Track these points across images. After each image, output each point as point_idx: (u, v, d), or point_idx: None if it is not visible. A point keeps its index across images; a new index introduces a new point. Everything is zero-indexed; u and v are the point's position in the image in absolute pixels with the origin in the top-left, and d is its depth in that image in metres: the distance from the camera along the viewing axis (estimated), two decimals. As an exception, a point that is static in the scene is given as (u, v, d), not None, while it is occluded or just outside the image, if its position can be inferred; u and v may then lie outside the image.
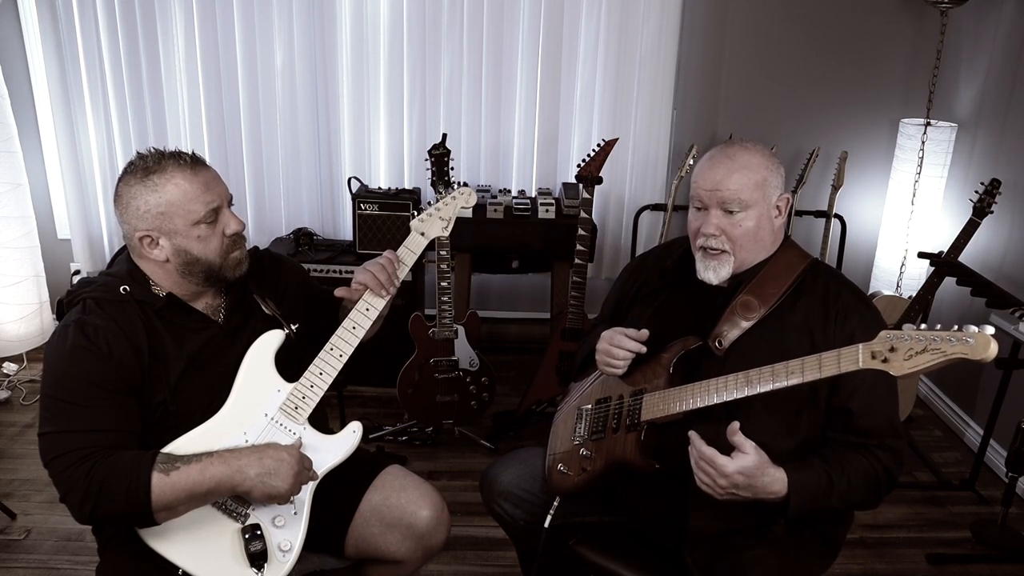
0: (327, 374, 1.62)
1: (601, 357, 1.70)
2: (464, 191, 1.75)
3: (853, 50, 3.46)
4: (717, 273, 1.63)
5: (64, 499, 1.46)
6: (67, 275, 3.66)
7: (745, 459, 1.43)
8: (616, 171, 3.45)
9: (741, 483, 1.44)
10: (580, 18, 3.35)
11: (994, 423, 2.75)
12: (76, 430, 1.46)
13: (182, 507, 1.47)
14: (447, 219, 1.73)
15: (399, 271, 1.69)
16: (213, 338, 1.62)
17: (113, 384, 1.49)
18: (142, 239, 1.54)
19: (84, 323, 1.50)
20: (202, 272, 1.58)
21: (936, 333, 1.27)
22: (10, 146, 3.22)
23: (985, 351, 1.23)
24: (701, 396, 1.52)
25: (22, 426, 3.06)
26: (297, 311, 1.75)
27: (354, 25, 3.34)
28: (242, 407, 1.59)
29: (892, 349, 1.31)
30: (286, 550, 1.55)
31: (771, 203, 1.63)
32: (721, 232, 1.60)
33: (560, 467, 1.75)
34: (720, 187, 1.59)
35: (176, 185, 1.52)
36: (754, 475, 1.44)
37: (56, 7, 3.24)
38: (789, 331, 1.57)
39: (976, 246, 2.90)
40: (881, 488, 1.56)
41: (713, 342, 1.59)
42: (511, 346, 3.77)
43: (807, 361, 1.41)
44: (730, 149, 1.63)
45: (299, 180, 3.55)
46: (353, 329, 1.65)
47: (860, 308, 1.59)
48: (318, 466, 1.59)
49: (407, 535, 1.72)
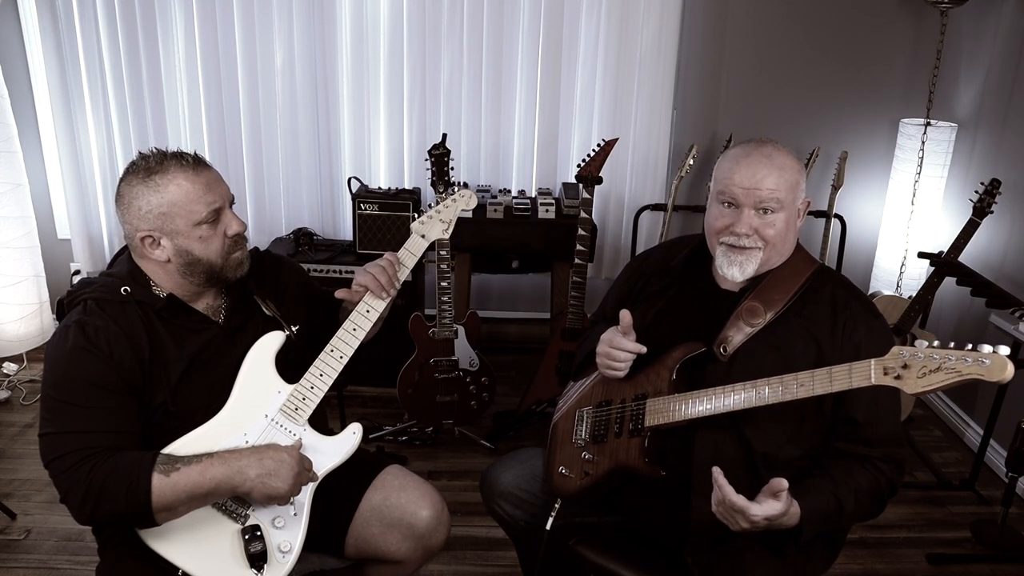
0: (327, 375, 1.62)
1: (602, 360, 1.68)
2: (465, 193, 1.75)
3: (853, 50, 3.46)
4: (743, 269, 1.60)
5: (64, 500, 1.46)
6: (67, 275, 3.66)
7: (775, 507, 1.41)
8: (616, 171, 3.45)
9: (762, 525, 1.43)
10: (580, 18, 3.35)
11: (994, 423, 2.75)
12: (76, 431, 1.46)
13: (182, 508, 1.47)
14: (447, 221, 1.74)
15: (399, 273, 1.69)
16: (214, 339, 1.61)
17: (114, 385, 1.49)
18: (144, 239, 1.54)
19: (85, 324, 1.50)
20: (203, 273, 1.58)
21: (951, 352, 1.25)
22: (10, 146, 3.22)
23: (1002, 373, 1.21)
24: (706, 404, 1.51)
25: (22, 426, 3.06)
26: (297, 312, 1.75)
27: (354, 25, 3.34)
28: (242, 408, 1.59)
29: (905, 366, 1.29)
30: (286, 551, 1.55)
31: (797, 206, 1.62)
32: (754, 232, 1.58)
33: (562, 470, 1.74)
34: (760, 186, 1.55)
35: (178, 186, 1.52)
36: (778, 520, 1.43)
37: (56, 7, 3.24)
38: (795, 338, 1.56)
39: (976, 246, 2.90)
40: (884, 499, 1.56)
41: (718, 347, 1.57)
42: (511, 346, 3.76)
43: (817, 375, 1.40)
44: (765, 148, 1.59)
45: (299, 180, 3.55)
46: (353, 331, 1.65)
47: (868, 319, 1.57)
48: (318, 467, 1.59)
49: (407, 535, 1.72)
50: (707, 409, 1.50)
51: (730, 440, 1.54)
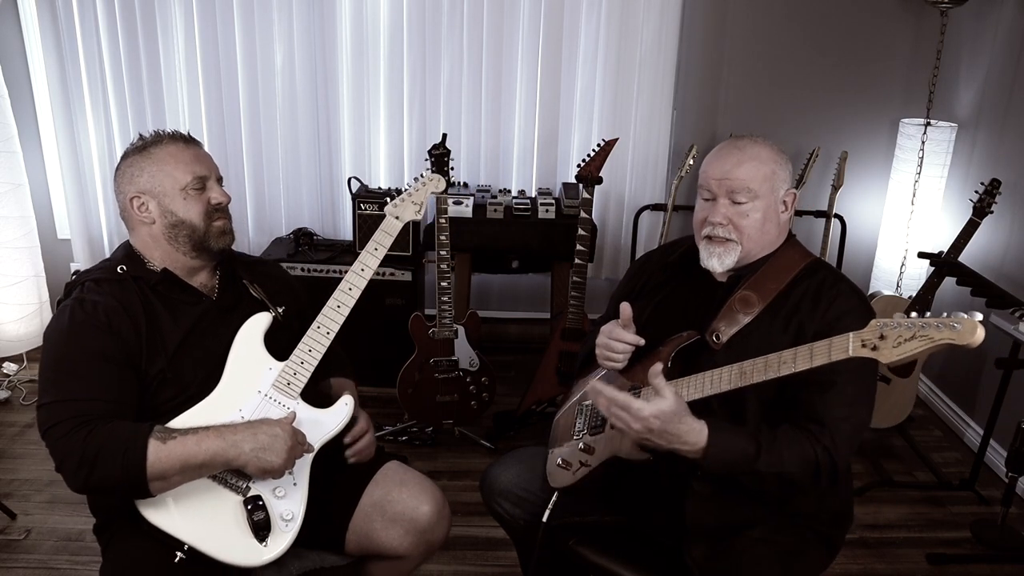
0: (316, 351, 1.68)
1: (600, 351, 1.70)
2: (433, 177, 1.89)
3: (853, 50, 3.46)
4: (721, 261, 1.63)
5: (59, 467, 1.47)
6: (67, 275, 3.66)
7: (662, 403, 1.43)
8: (616, 171, 3.45)
9: (656, 428, 1.43)
10: (580, 18, 3.35)
11: (994, 423, 2.75)
12: (74, 398, 1.49)
13: (176, 478, 1.49)
14: (419, 203, 1.85)
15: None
16: (207, 312, 1.68)
17: (112, 356, 1.54)
18: (132, 200, 1.64)
19: (83, 300, 1.58)
20: (187, 237, 1.66)
21: (924, 320, 1.29)
22: (10, 146, 3.22)
23: (972, 336, 1.23)
24: (696, 388, 1.52)
25: (22, 426, 3.06)
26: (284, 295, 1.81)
27: (354, 25, 3.34)
28: (235, 386, 1.63)
29: (882, 337, 1.31)
30: (288, 519, 1.57)
31: (778, 197, 1.64)
32: (728, 221, 1.61)
33: (559, 462, 1.75)
34: (729, 176, 1.60)
35: (169, 153, 1.65)
36: (670, 420, 1.43)
37: (56, 7, 3.24)
38: (785, 323, 1.58)
39: (976, 246, 2.90)
40: (819, 474, 1.50)
41: (711, 336, 1.59)
42: (511, 346, 3.77)
43: (799, 351, 1.41)
44: (740, 141, 1.64)
45: (299, 180, 3.55)
46: (338, 307, 1.72)
47: (852, 299, 1.59)
48: (313, 439, 1.63)
49: (409, 530, 1.73)
50: (697, 393, 1.52)
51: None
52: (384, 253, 1.77)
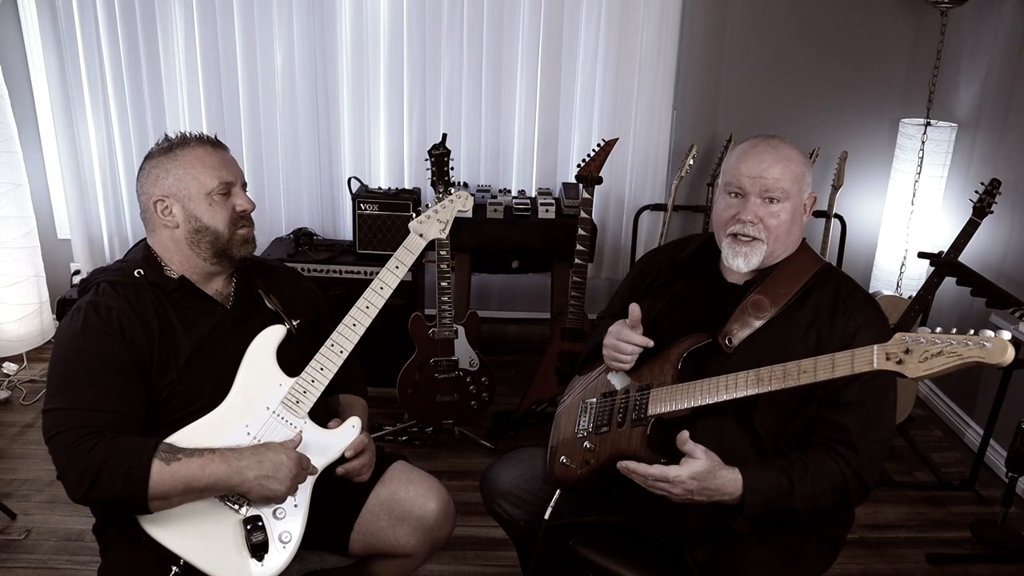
0: (328, 369, 1.65)
1: (608, 352, 1.69)
2: (461, 195, 1.79)
3: (853, 50, 3.46)
4: (747, 260, 1.62)
5: (61, 476, 1.47)
6: (67, 275, 3.66)
7: (695, 464, 1.47)
8: (616, 171, 3.45)
9: (695, 488, 1.47)
10: (580, 18, 3.35)
11: (994, 423, 2.75)
12: (82, 407, 1.48)
13: (176, 499, 1.48)
14: (444, 221, 1.77)
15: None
16: (221, 322, 1.65)
17: (123, 365, 1.52)
18: (156, 203, 1.60)
19: (97, 304, 1.55)
20: (210, 244, 1.62)
21: (952, 336, 1.26)
22: (10, 146, 3.22)
23: (1002, 356, 1.22)
24: (710, 392, 1.52)
25: (22, 426, 3.06)
26: (300, 308, 1.76)
27: (354, 25, 3.34)
28: (244, 400, 1.61)
29: (907, 351, 1.29)
30: (286, 541, 1.56)
31: (803, 200, 1.65)
32: (759, 220, 1.60)
33: (562, 459, 1.74)
34: (765, 175, 1.59)
35: (196, 156, 1.61)
36: (706, 478, 1.47)
37: (56, 7, 3.24)
38: (797, 329, 1.57)
39: (976, 246, 2.90)
40: (849, 494, 1.54)
41: (723, 339, 1.59)
42: (511, 346, 3.77)
43: (820, 361, 1.40)
44: (772, 141, 1.64)
45: (299, 180, 3.55)
46: (353, 326, 1.68)
47: (868, 311, 1.59)
48: (317, 461, 1.61)
49: (417, 527, 1.73)
50: (711, 397, 1.51)
51: (732, 428, 1.55)
52: (405, 271, 1.71)
